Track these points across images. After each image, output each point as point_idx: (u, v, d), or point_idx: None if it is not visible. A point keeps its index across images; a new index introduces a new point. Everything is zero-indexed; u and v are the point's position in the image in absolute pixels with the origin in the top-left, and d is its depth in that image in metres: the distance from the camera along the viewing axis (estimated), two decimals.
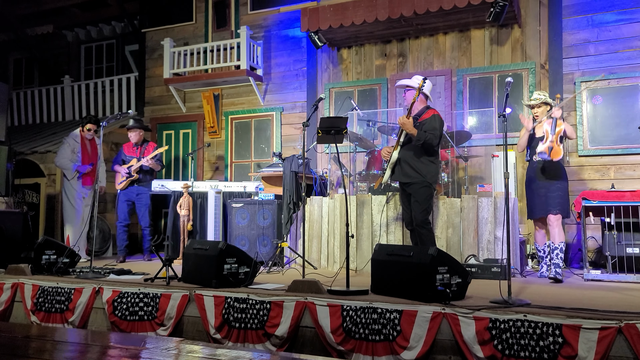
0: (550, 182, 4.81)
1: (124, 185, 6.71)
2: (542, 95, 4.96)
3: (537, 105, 4.95)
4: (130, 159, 6.76)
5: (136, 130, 6.83)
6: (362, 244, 5.48)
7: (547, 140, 4.70)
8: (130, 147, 6.86)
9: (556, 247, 4.76)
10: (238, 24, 8.50)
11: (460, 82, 7.03)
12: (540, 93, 4.99)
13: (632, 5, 6.24)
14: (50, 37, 10.76)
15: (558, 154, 4.65)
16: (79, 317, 4.18)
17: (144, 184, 6.76)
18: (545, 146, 4.66)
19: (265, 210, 5.93)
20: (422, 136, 4.38)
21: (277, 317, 3.57)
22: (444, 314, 3.16)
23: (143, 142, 6.90)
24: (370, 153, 5.96)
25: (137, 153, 6.79)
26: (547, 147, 4.64)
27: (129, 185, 6.72)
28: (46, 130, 9.34)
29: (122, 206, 6.76)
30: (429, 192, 4.52)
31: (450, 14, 6.63)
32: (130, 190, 6.74)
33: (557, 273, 4.59)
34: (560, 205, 4.77)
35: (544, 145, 4.67)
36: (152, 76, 9.26)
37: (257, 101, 8.32)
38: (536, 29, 6.72)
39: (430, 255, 3.40)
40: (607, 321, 2.81)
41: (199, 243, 4.38)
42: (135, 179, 6.69)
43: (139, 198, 6.75)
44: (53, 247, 4.90)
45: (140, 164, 6.65)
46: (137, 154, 6.78)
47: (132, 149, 6.83)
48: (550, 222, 4.80)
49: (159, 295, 3.97)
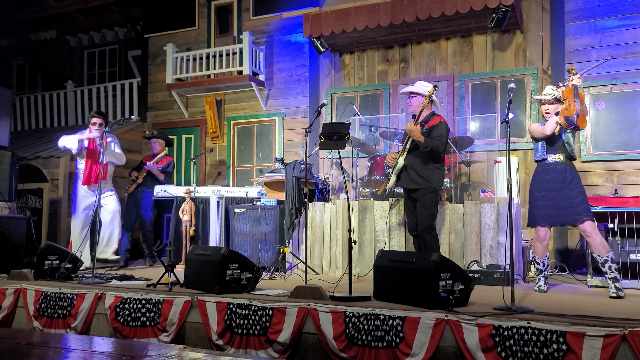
0: (569, 185, 4.19)
1: (130, 189, 7.02)
2: (555, 92, 4.32)
3: (549, 102, 4.32)
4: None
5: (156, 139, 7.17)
6: (364, 250, 5.46)
7: (570, 106, 4.01)
8: (149, 157, 7.18)
9: (606, 259, 4.08)
10: (240, 30, 8.53)
11: (463, 88, 7.03)
12: (554, 88, 4.37)
13: (634, 11, 6.24)
14: (54, 43, 10.81)
15: (584, 123, 4.05)
16: (81, 322, 4.18)
17: (148, 186, 6.97)
18: (571, 111, 3.98)
19: (267, 215, 5.92)
20: (430, 143, 4.38)
21: (279, 324, 3.56)
22: (447, 320, 3.14)
23: (164, 156, 7.17)
24: (373, 158, 5.96)
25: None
26: (573, 113, 3.97)
27: (134, 189, 6.98)
28: (49, 136, 9.36)
29: (127, 209, 7.00)
30: (435, 198, 4.52)
31: (452, 20, 6.64)
32: (135, 194, 7.00)
33: (617, 289, 3.97)
34: (588, 210, 4.15)
35: (568, 110, 4.00)
36: (155, 81, 9.29)
37: (260, 106, 8.33)
38: (538, 34, 6.72)
39: (433, 261, 3.39)
40: (611, 328, 2.79)
41: (201, 249, 4.38)
42: (139, 182, 6.97)
43: (142, 202, 6.98)
44: (56, 253, 4.90)
45: (146, 170, 6.92)
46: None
47: (149, 159, 7.13)
48: (587, 232, 4.13)
49: (161, 301, 3.97)
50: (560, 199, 4.21)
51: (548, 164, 4.31)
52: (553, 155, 4.29)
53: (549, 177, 4.28)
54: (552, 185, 4.25)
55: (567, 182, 4.21)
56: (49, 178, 7.97)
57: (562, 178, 4.22)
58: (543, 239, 4.36)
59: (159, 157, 7.07)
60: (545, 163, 4.33)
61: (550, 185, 4.26)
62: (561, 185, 4.22)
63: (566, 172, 4.23)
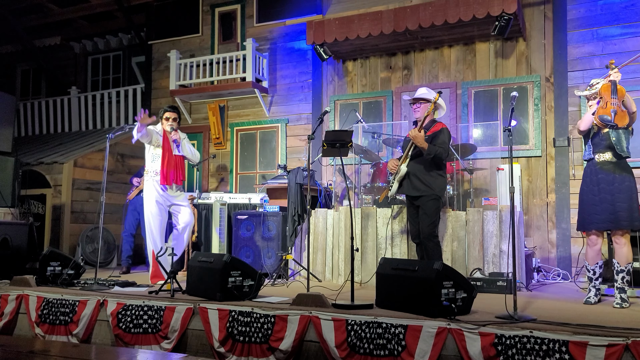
0: (618, 187, 3.96)
1: (132, 195, 6.95)
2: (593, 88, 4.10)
3: (592, 97, 4.11)
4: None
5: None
6: (366, 257, 5.46)
7: (607, 104, 3.83)
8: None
9: (622, 269, 4.01)
10: (244, 36, 8.57)
11: (465, 95, 7.04)
12: (598, 81, 4.14)
13: (636, 19, 6.25)
14: (58, 49, 10.87)
15: (624, 120, 3.85)
16: (83, 329, 4.18)
17: None
18: (608, 109, 3.81)
19: (270, 222, 5.93)
20: (433, 150, 4.38)
21: (281, 331, 3.55)
22: (449, 329, 3.13)
23: None
24: (375, 165, 5.96)
25: None
26: (609, 110, 3.81)
27: (137, 195, 6.91)
28: (53, 141, 9.40)
29: (129, 216, 6.97)
30: (437, 205, 4.52)
31: (455, 27, 6.66)
32: (137, 200, 6.86)
33: (623, 300, 3.95)
34: (629, 219, 3.93)
35: (604, 109, 3.84)
36: (158, 88, 9.33)
37: (263, 113, 8.36)
38: (541, 42, 6.73)
39: (436, 270, 3.38)
40: (614, 338, 2.78)
41: (204, 255, 4.38)
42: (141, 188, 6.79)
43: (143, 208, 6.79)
44: (58, 259, 4.90)
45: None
46: None
47: None
48: (619, 240, 4.02)
49: (163, 308, 3.97)
50: (608, 202, 3.96)
51: (596, 163, 4.06)
52: (601, 154, 4.03)
53: (598, 178, 4.02)
54: (601, 186, 3.99)
55: (616, 182, 3.96)
56: (52, 184, 7.99)
57: (610, 179, 3.98)
58: (594, 244, 4.11)
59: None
60: (593, 163, 4.09)
61: (598, 188, 4.01)
62: (609, 187, 3.97)
63: (615, 172, 3.98)
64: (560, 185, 6.43)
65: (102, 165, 7.97)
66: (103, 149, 8.27)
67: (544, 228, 6.53)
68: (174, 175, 5.24)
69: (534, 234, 6.56)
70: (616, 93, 3.88)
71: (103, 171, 5.09)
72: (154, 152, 5.29)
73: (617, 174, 3.98)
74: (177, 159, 5.30)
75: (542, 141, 6.58)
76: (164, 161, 5.19)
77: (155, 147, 5.29)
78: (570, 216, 6.32)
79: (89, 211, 8.23)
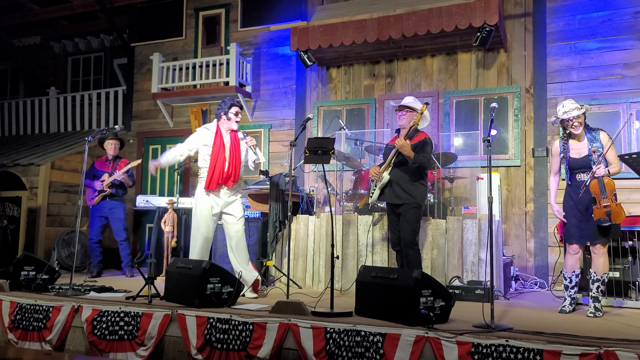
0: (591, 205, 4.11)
1: (96, 201, 6.55)
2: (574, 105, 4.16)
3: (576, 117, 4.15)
4: (101, 173, 6.58)
5: (115, 141, 6.68)
6: (347, 264, 5.46)
7: (600, 203, 4.00)
8: (102, 162, 6.71)
9: (599, 278, 4.13)
10: (228, 41, 8.55)
11: (447, 104, 7.11)
12: (573, 102, 4.21)
13: (613, 34, 6.40)
14: (37, 48, 10.69)
15: (621, 216, 3.97)
16: (56, 335, 4.09)
17: (116, 198, 6.61)
18: (602, 210, 4.00)
19: (251, 227, 5.89)
20: (419, 159, 4.40)
21: (259, 339, 3.53)
22: (427, 337, 3.15)
23: (116, 158, 6.74)
24: (358, 172, 5.98)
25: (109, 168, 6.63)
26: (604, 212, 3.99)
27: (101, 200, 6.56)
28: (30, 143, 9.23)
29: (94, 222, 6.60)
30: (418, 213, 4.54)
31: (438, 37, 6.74)
32: (103, 205, 6.58)
33: (596, 309, 4.06)
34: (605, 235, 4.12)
35: (598, 209, 4.01)
36: (140, 90, 9.24)
37: (246, 118, 8.33)
38: (521, 53, 6.85)
39: (415, 278, 3.40)
40: (587, 347, 2.82)
41: (183, 261, 4.33)
42: (107, 194, 6.55)
43: (112, 212, 6.58)
44: (32, 263, 4.80)
45: (112, 179, 6.48)
46: (109, 169, 6.62)
47: (105, 164, 6.67)
48: (597, 250, 4.14)
49: (140, 314, 3.91)
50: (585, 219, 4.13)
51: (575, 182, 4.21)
52: (581, 174, 4.18)
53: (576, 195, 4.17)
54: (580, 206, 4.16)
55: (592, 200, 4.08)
56: (28, 186, 7.84)
57: (588, 198, 4.09)
58: (575, 252, 4.23)
59: (119, 164, 6.63)
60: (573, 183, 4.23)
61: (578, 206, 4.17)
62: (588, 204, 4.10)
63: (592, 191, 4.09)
64: (538, 194, 6.53)
65: (81, 168, 7.86)
66: (82, 151, 8.16)
67: (522, 237, 6.62)
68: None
69: (513, 243, 6.64)
70: (605, 190, 4.00)
71: (81, 174, 5.00)
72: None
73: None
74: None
75: (521, 151, 6.68)
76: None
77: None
78: (547, 225, 6.42)
79: (66, 214, 8.08)
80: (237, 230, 4.73)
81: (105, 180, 6.51)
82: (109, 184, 6.50)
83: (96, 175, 6.62)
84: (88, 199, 6.63)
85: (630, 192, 6.15)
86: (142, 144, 9.00)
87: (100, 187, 6.50)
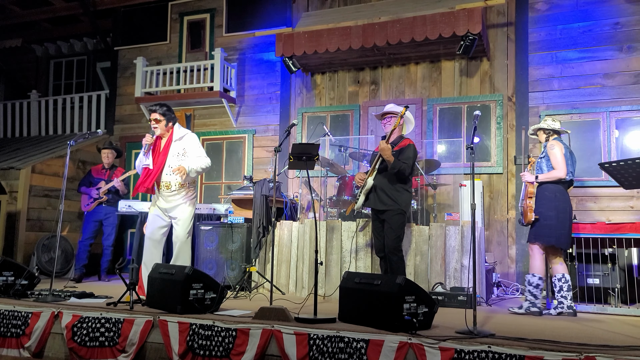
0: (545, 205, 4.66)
1: (91, 207, 6.85)
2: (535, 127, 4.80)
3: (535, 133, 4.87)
4: (98, 181, 6.90)
5: (110, 150, 6.99)
6: (331, 270, 5.46)
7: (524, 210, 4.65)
8: (99, 170, 7.02)
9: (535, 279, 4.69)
10: (212, 46, 8.53)
11: (431, 112, 7.18)
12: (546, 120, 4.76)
13: (593, 44, 6.54)
14: (19, 51, 10.53)
15: (528, 217, 4.62)
16: (35, 342, 4.02)
17: (112, 204, 6.86)
18: (519, 211, 4.77)
19: (234, 233, 5.86)
20: (398, 165, 4.43)
21: (242, 345, 3.51)
22: (410, 344, 3.16)
23: (112, 167, 7.04)
24: (342, 179, 5.99)
25: (105, 176, 6.93)
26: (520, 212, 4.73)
27: (96, 207, 6.85)
28: (9, 146, 9.07)
29: (89, 225, 6.85)
30: (402, 220, 4.56)
31: (422, 45, 6.81)
32: (98, 211, 6.87)
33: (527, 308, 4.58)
34: (533, 234, 4.73)
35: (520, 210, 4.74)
36: (124, 94, 9.15)
37: (230, 123, 8.30)
38: (504, 62, 6.95)
39: (398, 284, 3.42)
40: (568, 353, 2.86)
41: (165, 267, 4.29)
42: (103, 201, 6.83)
43: (107, 218, 6.87)
44: (11, 268, 4.72)
45: (109, 186, 6.79)
46: (105, 176, 6.93)
47: (101, 172, 6.97)
48: (530, 252, 4.77)
49: (122, 320, 3.86)
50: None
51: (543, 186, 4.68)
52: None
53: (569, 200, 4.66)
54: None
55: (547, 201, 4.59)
56: (8, 190, 7.70)
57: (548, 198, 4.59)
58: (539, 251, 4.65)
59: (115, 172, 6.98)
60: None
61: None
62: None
63: (547, 192, 4.60)
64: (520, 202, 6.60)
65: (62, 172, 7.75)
66: (64, 155, 8.05)
67: (504, 243, 6.69)
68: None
69: (495, 249, 6.71)
70: (524, 195, 4.69)
71: (63, 178, 4.93)
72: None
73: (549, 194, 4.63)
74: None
75: (503, 158, 6.77)
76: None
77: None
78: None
79: (46, 219, 7.95)
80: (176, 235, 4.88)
81: (102, 187, 6.80)
82: (105, 191, 6.80)
83: (92, 182, 6.91)
84: (83, 205, 6.94)
85: (610, 199, 6.27)
86: (125, 148, 8.91)
87: (97, 195, 6.81)
